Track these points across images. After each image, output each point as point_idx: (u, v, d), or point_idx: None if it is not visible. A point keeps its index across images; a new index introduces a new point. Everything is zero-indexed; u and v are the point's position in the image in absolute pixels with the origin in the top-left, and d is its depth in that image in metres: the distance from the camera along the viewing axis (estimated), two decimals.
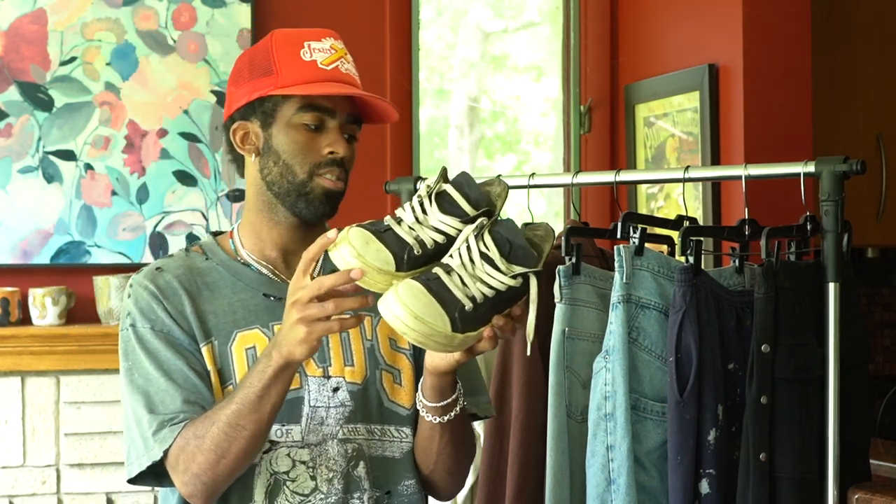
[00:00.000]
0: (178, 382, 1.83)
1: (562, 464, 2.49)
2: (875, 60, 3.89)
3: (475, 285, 1.66)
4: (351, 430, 1.88)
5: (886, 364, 4.75)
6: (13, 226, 3.55)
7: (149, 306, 1.87)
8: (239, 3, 3.69)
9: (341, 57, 1.90)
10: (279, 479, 1.85)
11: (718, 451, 2.39)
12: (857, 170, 2.42)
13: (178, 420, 1.81)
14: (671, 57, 3.81)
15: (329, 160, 1.87)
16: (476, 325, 1.67)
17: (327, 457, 1.86)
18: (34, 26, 3.57)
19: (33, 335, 3.41)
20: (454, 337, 1.64)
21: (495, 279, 1.66)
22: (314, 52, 1.88)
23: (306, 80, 1.86)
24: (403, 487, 1.92)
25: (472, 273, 1.66)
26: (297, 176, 1.87)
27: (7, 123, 3.54)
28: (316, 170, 1.87)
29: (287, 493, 1.85)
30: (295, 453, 1.86)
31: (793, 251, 2.61)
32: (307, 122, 1.87)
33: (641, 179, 3.36)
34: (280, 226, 1.92)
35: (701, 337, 2.38)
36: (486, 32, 4.52)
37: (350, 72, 1.90)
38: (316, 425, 1.86)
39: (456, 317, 1.64)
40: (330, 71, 1.87)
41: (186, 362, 1.85)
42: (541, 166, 4.49)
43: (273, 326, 1.88)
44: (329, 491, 1.86)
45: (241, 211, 2.01)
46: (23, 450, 3.44)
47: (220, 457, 1.76)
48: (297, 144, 1.87)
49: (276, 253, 1.93)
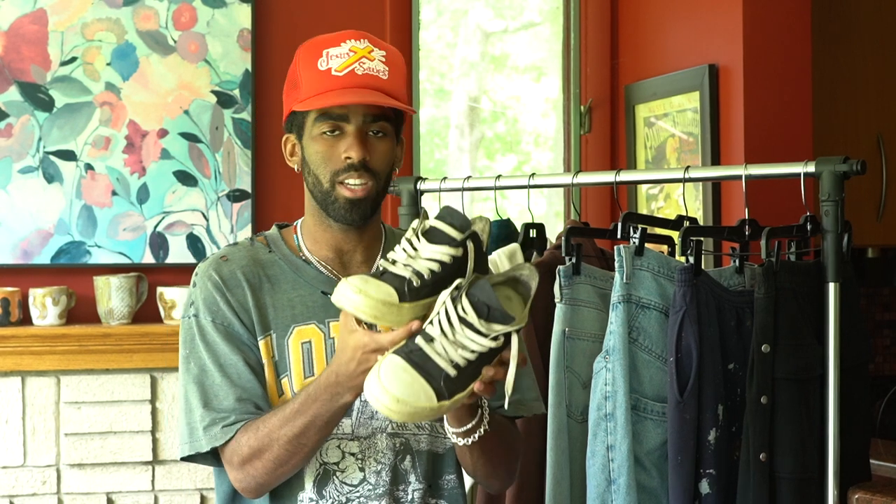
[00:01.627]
0: (233, 379, 1.90)
1: (562, 464, 2.49)
2: (875, 60, 3.89)
3: (457, 352, 1.69)
4: (400, 425, 1.94)
5: (886, 364, 4.75)
6: (13, 226, 3.55)
7: (212, 298, 1.93)
8: (239, 3, 3.69)
9: (362, 57, 1.92)
10: (329, 469, 1.91)
11: (718, 451, 2.39)
12: (857, 170, 2.42)
13: (229, 421, 1.88)
14: (671, 57, 3.81)
15: (346, 166, 1.90)
16: (462, 388, 1.71)
17: (376, 449, 1.92)
18: (34, 26, 3.57)
19: (34, 335, 3.41)
20: (441, 406, 1.69)
21: (476, 342, 1.69)
22: (331, 59, 1.91)
23: (319, 90, 1.90)
24: (445, 481, 1.98)
25: (452, 340, 1.69)
26: (323, 185, 1.92)
27: (7, 123, 3.54)
28: (336, 178, 1.91)
29: (336, 483, 1.91)
30: (345, 445, 1.92)
31: (793, 251, 2.61)
32: (325, 130, 1.91)
33: (641, 179, 3.36)
34: (332, 229, 1.97)
35: (701, 337, 2.38)
36: (487, 32, 4.53)
37: (370, 70, 1.91)
38: (366, 419, 1.92)
39: (441, 386, 1.68)
40: (343, 77, 1.89)
41: (243, 357, 1.91)
42: (541, 166, 4.49)
43: (329, 323, 1.94)
44: (377, 482, 1.92)
45: (242, 211, 2.01)
46: (23, 450, 3.44)
47: (280, 466, 1.86)
48: (318, 155, 1.92)
49: (332, 253, 1.98)
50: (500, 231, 2.97)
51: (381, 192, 1.94)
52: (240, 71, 3.69)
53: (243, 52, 3.69)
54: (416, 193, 3.09)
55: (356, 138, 1.89)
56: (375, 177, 1.91)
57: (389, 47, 1.97)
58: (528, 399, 2.03)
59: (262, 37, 3.71)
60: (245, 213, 3.67)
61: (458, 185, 3.01)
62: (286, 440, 1.83)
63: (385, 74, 1.92)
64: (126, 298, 3.51)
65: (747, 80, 3.47)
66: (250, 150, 3.68)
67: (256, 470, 1.86)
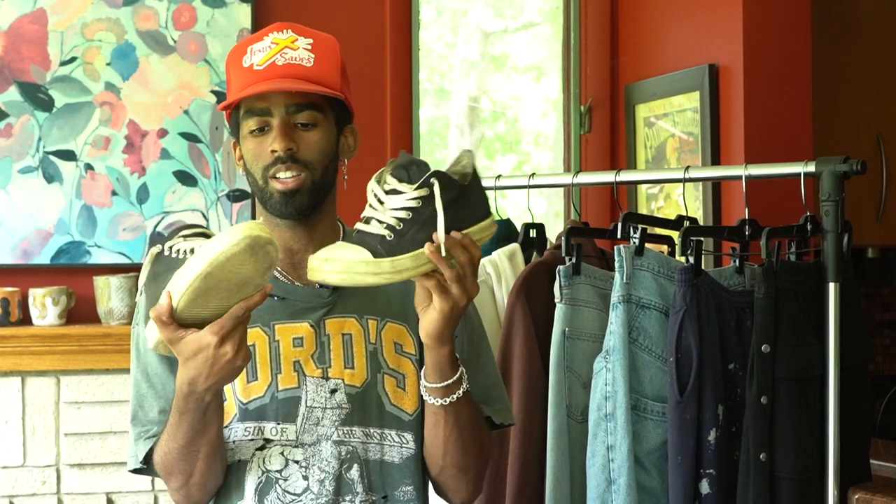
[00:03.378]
0: (157, 390, 1.88)
1: (562, 464, 2.49)
2: (875, 60, 3.89)
3: (387, 215, 1.72)
4: (346, 433, 1.87)
5: (886, 364, 4.75)
6: (13, 226, 3.55)
7: (151, 305, 1.87)
8: (239, 3, 3.69)
9: (284, 48, 1.88)
10: (271, 477, 1.85)
11: (718, 451, 2.39)
12: (857, 170, 2.42)
13: (151, 433, 1.86)
14: (671, 57, 3.81)
15: (274, 160, 1.86)
16: (402, 250, 1.71)
17: (320, 457, 1.86)
18: (34, 26, 3.57)
19: (33, 335, 3.41)
20: (379, 263, 1.70)
21: (402, 199, 1.72)
22: (253, 54, 1.88)
23: (240, 88, 1.87)
24: (401, 493, 1.90)
25: (384, 210, 1.73)
26: (258, 182, 1.89)
27: (7, 123, 3.54)
28: (267, 173, 1.87)
29: (278, 492, 1.85)
30: (289, 452, 1.86)
31: (793, 251, 2.61)
32: (252, 127, 1.87)
33: (641, 179, 3.36)
34: (279, 227, 1.92)
35: (701, 337, 2.38)
36: (487, 32, 4.53)
37: (292, 59, 1.87)
38: (311, 425, 1.86)
39: (378, 248, 1.70)
40: (263, 70, 1.86)
41: (168, 367, 1.86)
42: (541, 166, 4.49)
43: (274, 326, 1.88)
44: (320, 492, 1.85)
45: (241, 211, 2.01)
46: (23, 450, 3.44)
47: (187, 477, 1.82)
48: (250, 153, 1.89)
49: (282, 254, 1.92)
50: (500, 231, 2.97)
51: (320, 184, 1.88)
52: None
53: None
54: None
55: (280, 130, 1.85)
56: (308, 167, 1.86)
57: (320, 35, 1.91)
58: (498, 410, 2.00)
59: None
60: (245, 214, 3.66)
61: None
62: (177, 453, 1.79)
63: (310, 62, 1.87)
64: (126, 298, 3.51)
65: (747, 80, 3.47)
66: None
67: (173, 484, 1.84)
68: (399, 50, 3.90)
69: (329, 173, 1.90)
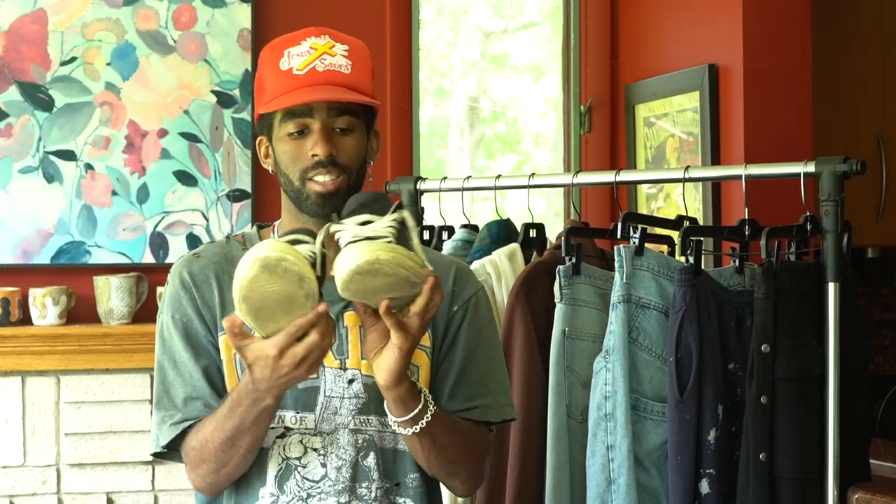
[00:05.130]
0: (184, 377, 1.93)
1: (562, 464, 2.49)
2: (875, 60, 3.89)
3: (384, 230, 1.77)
4: (363, 422, 1.92)
5: (886, 364, 4.75)
6: (13, 226, 3.55)
7: (177, 295, 1.95)
8: (239, 3, 3.69)
9: (323, 53, 1.91)
10: (290, 464, 1.91)
11: (718, 451, 2.40)
12: (857, 170, 2.42)
13: (176, 419, 1.91)
14: (671, 57, 3.81)
15: (314, 163, 1.90)
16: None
17: (338, 445, 1.92)
18: (34, 26, 3.57)
19: (34, 335, 3.41)
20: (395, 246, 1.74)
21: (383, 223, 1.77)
22: (292, 58, 1.91)
23: (281, 91, 1.90)
24: (410, 480, 1.96)
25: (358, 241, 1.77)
26: (293, 184, 1.93)
27: (7, 123, 3.54)
28: (305, 175, 1.91)
29: (297, 479, 1.91)
30: (308, 440, 1.92)
31: (793, 251, 2.61)
32: (290, 130, 1.91)
33: (641, 179, 3.36)
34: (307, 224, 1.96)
35: (701, 337, 2.38)
36: (487, 32, 4.52)
37: (331, 66, 1.91)
38: (329, 414, 1.92)
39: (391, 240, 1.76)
40: (304, 75, 1.89)
41: (195, 355, 1.92)
42: (541, 166, 4.49)
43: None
44: (337, 479, 1.91)
45: (242, 211, 2.02)
46: (23, 450, 3.44)
47: (220, 467, 1.87)
48: (287, 155, 1.92)
49: None
50: (500, 231, 2.97)
51: (354, 186, 1.93)
52: (240, 71, 3.69)
53: (243, 51, 3.69)
54: (416, 193, 3.09)
55: (321, 135, 1.89)
56: (345, 171, 1.91)
57: (352, 40, 1.95)
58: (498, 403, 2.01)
59: (262, 37, 3.70)
60: (245, 213, 3.67)
61: (458, 185, 3.01)
62: (219, 443, 1.84)
63: (348, 69, 1.91)
64: (126, 298, 3.51)
65: (747, 80, 3.47)
66: (250, 150, 3.68)
67: (203, 471, 1.89)
68: (399, 50, 3.90)
69: (361, 176, 1.96)
